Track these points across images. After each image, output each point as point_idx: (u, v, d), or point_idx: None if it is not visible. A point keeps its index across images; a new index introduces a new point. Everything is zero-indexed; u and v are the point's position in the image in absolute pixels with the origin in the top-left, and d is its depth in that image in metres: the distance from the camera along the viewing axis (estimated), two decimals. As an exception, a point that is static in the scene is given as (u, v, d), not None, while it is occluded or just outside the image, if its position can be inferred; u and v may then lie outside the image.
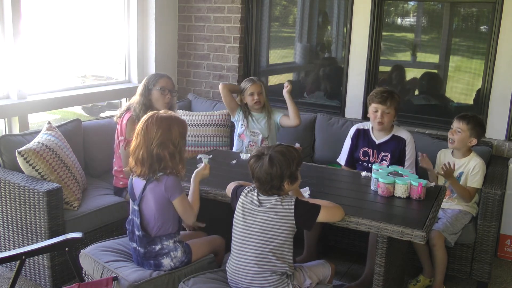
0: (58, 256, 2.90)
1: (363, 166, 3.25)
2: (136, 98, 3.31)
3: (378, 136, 3.25)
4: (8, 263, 3.09)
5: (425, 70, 4.17)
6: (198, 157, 3.18)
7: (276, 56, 4.83)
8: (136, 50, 4.59)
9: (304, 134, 4.01)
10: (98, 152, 3.68)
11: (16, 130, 3.58)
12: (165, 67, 4.70)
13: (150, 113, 2.41)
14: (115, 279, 2.25)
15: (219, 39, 4.67)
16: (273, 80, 4.87)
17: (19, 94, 3.60)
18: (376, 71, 4.14)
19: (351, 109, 4.22)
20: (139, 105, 3.25)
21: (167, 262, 2.35)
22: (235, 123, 3.79)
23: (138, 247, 2.38)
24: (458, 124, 3.15)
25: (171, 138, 2.32)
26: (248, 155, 3.04)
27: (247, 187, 2.31)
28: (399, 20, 4.24)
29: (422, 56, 4.15)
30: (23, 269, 2.49)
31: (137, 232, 2.36)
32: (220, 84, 3.78)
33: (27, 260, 2.62)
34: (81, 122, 3.64)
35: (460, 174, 3.17)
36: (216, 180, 2.57)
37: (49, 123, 3.29)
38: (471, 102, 3.94)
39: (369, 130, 3.30)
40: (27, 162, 2.94)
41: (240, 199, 2.27)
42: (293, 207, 2.16)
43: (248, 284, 2.21)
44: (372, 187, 2.67)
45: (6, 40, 3.50)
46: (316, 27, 4.54)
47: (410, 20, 4.25)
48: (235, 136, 3.78)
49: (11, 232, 3.03)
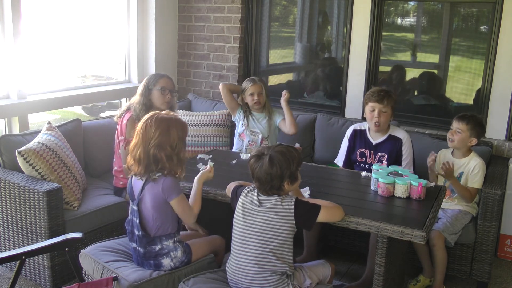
0: (58, 256, 2.90)
1: (360, 168, 3.25)
2: (136, 98, 3.31)
3: (374, 137, 3.25)
4: (8, 263, 3.09)
5: (425, 70, 4.17)
6: (198, 157, 3.19)
7: (276, 56, 4.82)
8: (136, 50, 4.59)
9: (304, 134, 4.01)
10: (98, 152, 3.68)
11: (16, 130, 3.58)
12: (165, 67, 4.70)
13: (152, 112, 2.40)
14: (115, 279, 2.25)
15: (219, 39, 4.67)
16: (273, 80, 4.87)
17: (19, 94, 3.60)
18: (376, 71, 4.14)
19: (351, 109, 4.22)
20: (139, 105, 3.26)
21: (167, 262, 2.35)
22: (236, 122, 3.79)
23: (138, 247, 2.38)
24: (457, 125, 3.14)
25: (169, 140, 2.30)
26: (248, 155, 3.04)
27: (247, 187, 2.31)
28: (399, 20, 4.24)
29: (422, 56, 4.15)
30: (23, 269, 2.49)
31: (136, 232, 2.36)
32: (220, 84, 3.79)
33: (27, 260, 2.61)
34: (81, 122, 3.64)
35: (461, 174, 3.17)
36: (216, 180, 2.57)
37: (49, 123, 3.29)
38: (471, 102, 3.94)
39: (365, 130, 3.30)
40: (27, 162, 2.94)
41: (240, 199, 2.27)
42: (293, 207, 2.16)
43: (248, 284, 2.21)
44: (372, 187, 2.67)
45: (6, 40, 3.50)
46: (316, 27, 4.54)
47: (410, 20, 4.25)
48: (235, 135, 3.78)
49: (11, 232, 3.03)
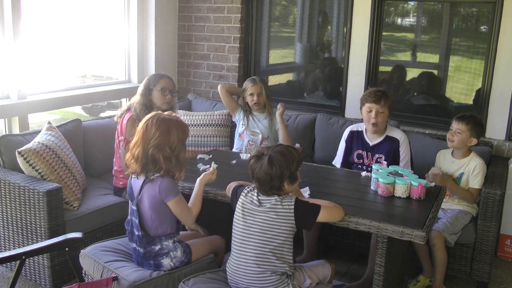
0: (58, 256, 2.90)
1: (358, 169, 3.24)
2: (136, 98, 3.31)
3: (371, 138, 3.25)
4: (8, 263, 3.09)
5: (425, 70, 4.17)
6: (198, 157, 3.19)
7: (276, 56, 4.83)
8: (136, 50, 4.59)
9: (304, 134, 4.01)
10: (98, 152, 3.68)
11: (16, 130, 3.58)
12: (165, 67, 4.70)
13: (154, 113, 2.39)
14: (115, 279, 2.25)
15: (219, 39, 4.67)
16: (273, 80, 4.87)
17: (19, 94, 3.60)
18: (376, 71, 4.14)
19: (351, 109, 4.22)
20: (139, 105, 3.25)
21: (167, 262, 2.35)
22: (236, 122, 3.79)
23: (137, 247, 2.38)
24: (457, 125, 3.14)
25: (168, 141, 2.29)
26: (248, 155, 3.04)
27: (247, 187, 2.31)
28: (399, 20, 4.24)
29: (422, 56, 4.15)
30: (23, 269, 2.49)
31: (136, 232, 2.36)
32: (218, 85, 3.79)
33: (27, 260, 2.61)
34: (81, 122, 3.64)
35: (461, 175, 3.16)
36: (216, 180, 2.56)
37: (49, 123, 3.29)
38: (471, 102, 3.94)
39: (362, 132, 3.29)
40: (27, 162, 2.94)
41: (240, 199, 2.27)
42: (293, 207, 2.16)
43: (248, 284, 2.21)
44: (372, 187, 2.67)
45: (6, 40, 3.50)
46: (316, 27, 4.54)
47: (410, 20, 4.25)
48: (235, 135, 3.78)
49: (11, 232, 3.03)
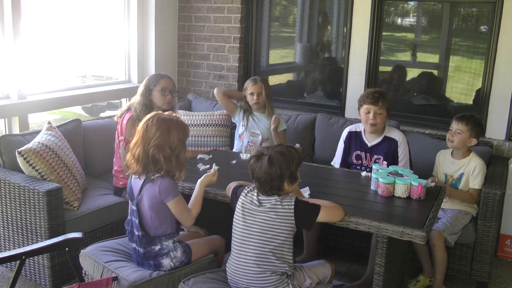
0: (58, 256, 2.90)
1: (356, 170, 3.24)
2: (136, 98, 3.31)
3: (370, 139, 3.24)
4: (8, 263, 3.09)
5: (425, 70, 4.17)
6: (198, 157, 3.19)
7: (276, 56, 4.82)
8: (136, 50, 4.59)
9: (304, 134, 4.01)
10: (98, 152, 3.68)
11: (16, 130, 3.58)
12: (165, 67, 4.70)
13: (154, 113, 2.39)
14: (115, 279, 2.25)
15: (219, 39, 4.67)
16: (273, 80, 4.87)
17: (19, 94, 3.60)
18: (376, 71, 4.14)
19: (351, 109, 4.21)
20: (139, 105, 3.25)
21: (167, 262, 2.35)
22: (236, 123, 3.78)
23: (137, 247, 2.38)
24: (457, 125, 3.14)
25: (168, 141, 2.29)
26: (248, 155, 3.04)
27: (246, 187, 2.31)
28: (399, 20, 4.24)
29: (422, 56, 4.15)
30: (23, 269, 2.49)
31: (136, 232, 2.36)
32: (214, 89, 3.77)
33: (27, 260, 2.61)
34: (81, 122, 3.64)
35: (461, 175, 3.16)
36: (216, 180, 2.56)
37: (49, 123, 3.29)
38: (471, 102, 3.94)
39: (361, 132, 3.28)
40: (27, 162, 2.94)
41: (240, 199, 2.27)
42: (293, 207, 2.16)
43: (248, 284, 2.20)
44: (372, 187, 2.67)
45: (6, 40, 3.50)
46: (316, 27, 4.54)
47: (410, 20, 4.25)
48: (235, 137, 3.78)
49: (11, 232, 3.03)
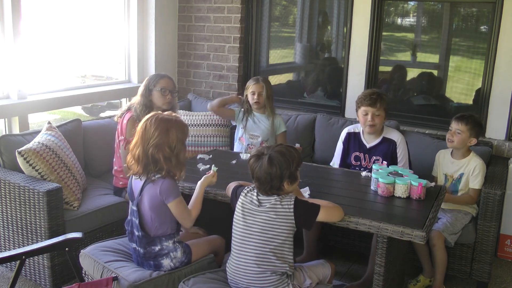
0: (58, 256, 2.90)
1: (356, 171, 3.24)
2: (137, 98, 3.31)
3: (368, 140, 3.24)
4: (8, 263, 3.09)
5: (425, 70, 4.17)
6: (198, 157, 3.19)
7: (276, 56, 4.82)
8: (136, 50, 4.59)
9: (304, 134, 4.01)
10: (98, 152, 3.68)
11: (16, 130, 3.58)
12: (165, 67, 4.70)
13: (153, 113, 2.40)
14: (115, 279, 2.25)
15: (219, 39, 4.67)
16: (273, 80, 4.86)
17: (19, 94, 3.60)
18: (376, 71, 4.14)
19: (351, 109, 4.21)
20: (139, 105, 3.25)
21: (167, 263, 2.35)
22: (237, 126, 3.77)
23: (137, 247, 2.38)
24: (457, 125, 3.14)
25: (168, 141, 2.30)
26: (248, 155, 3.04)
27: (246, 187, 2.31)
28: (399, 20, 4.24)
29: (422, 56, 4.15)
30: (23, 269, 2.49)
31: (136, 233, 2.36)
32: (207, 105, 3.76)
33: (27, 260, 2.61)
34: (81, 122, 3.64)
35: (461, 176, 3.16)
36: (216, 180, 2.57)
37: (49, 123, 3.29)
38: (471, 102, 3.94)
39: (359, 133, 3.28)
40: (27, 162, 2.94)
41: (239, 199, 2.27)
42: (292, 206, 2.16)
43: (248, 284, 2.21)
44: (372, 187, 2.67)
45: (6, 40, 3.50)
46: (316, 27, 4.54)
47: (410, 20, 4.25)
48: (235, 139, 3.77)
49: (11, 232, 3.03)
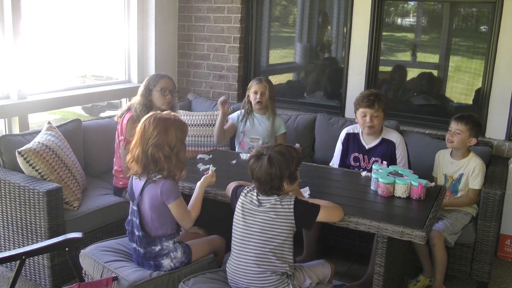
0: (58, 256, 2.90)
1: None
2: (137, 98, 3.31)
3: (368, 141, 3.23)
4: (8, 263, 3.09)
5: (425, 70, 4.17)
6: (198, 157, 3.19)
7: (276, 56, 4.82)
8: (136, 50, 4.59)
9: (304, 134, 4.01)
10: (98, 152, 3.68)
11: (16, 130, 3.58)
12: (165, 67, 4.70)
13: (152, 112, 2.40)
14: (115, 279, 2.25)
15: (219, 39, 4.67)
16: (273, 80, 4.82)
17: (19, 94, 3.60)
18: (376, 71, 4.14)
19: (351, 109, 4.18)
20: (139, 105, 3.25)
21: (167, 263, 2.35)
22: (237, 131, 3.75)
23: (138, 247, 2.38)
24: (456, 126, 3.14)
25: (167, 140, 2.30)
26: (248, 155, 3.04)
27: (246, 187, 2.31)
28: (399, 20, 4.24)
29: (422, 56, 4.15)
30: (23, 269, 2.49)
31: (136, 233, 2.36)
32: (215, 141, 3.62)
33: (27, 260, 2.61)
34: (81, 122, 3.64)
35: (460, 176, 3.16)
36: (216, 180, 2.57)
37: (49, 123, 3.29)
38: (471, 102, 3.94)
39: (359, 134, 3.27)
40: (27, 162, 2.94)
41: (239, 199, 2.27)
42: (292, 206, 2.16)
43: (248, 284, 2.21)
44: (372, 187, 2.67)
45: (6, 40, 3.50)
46: (316, 27, 4.54)
47: (410, 20, 4.25)
48: (236, 144, 3.75)
49: (11, 232, 3.03)
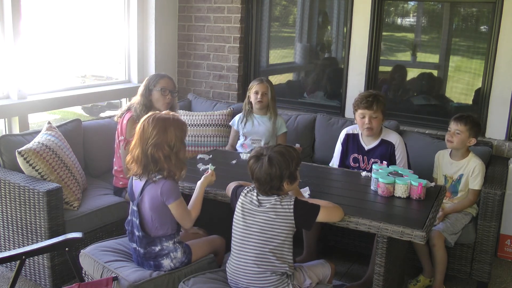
0: (58, 256, 2.90)
1: None
2: (137, 98, 3.31)
3: (367, 142, 3.23)
4: (8, 263, 3.09)
5: (425, 70, 4.17)
6: (198, 157, 3.19)
7: (276, 56, 4.82)
8: (136, 50, 4.59)
9: (304, 134, 4.01)
10: (98, 152, 3.68)
11: (16, 130, 3.58)
12: (165, 67, 4.70)
13: (151, 112, 2.40)
14: (115, 279, 2.25)
15: (219, 39, 4.67)
16: (273, 80, 4.83)
17: (19, 94, 3.60)
18: (376, 71, 4.14)
19: (351, 109, 4.17)
20: (139, 105, 3.25)
21: (167, 263, 2.35)
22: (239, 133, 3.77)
23: (138, 248, 2.38)
24: (456, 126, 3.13)
25: (166, 140, 2.30)
26: (248, 155, 3.04)
27: (246, 187, 2.31)
28: (399, 20, 4.24)
29: (422, 56, 4.15)
30: (23, 269, 2.49)
31: (136, 233, 2.36)
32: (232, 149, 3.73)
33: (27, 260, 2.61)
34: (81, 122, 3.64)
35: (460, 176, 3.16)
36: (216, 180, 2.57)
37: (49, 123, 3.29)
38: (471, 102, 3.94)
39: (358, 135, 3.27)
40: (27, 162, 2.94)
41: (239, 199, 2.27)
42: (292, 207, 2.16)
43: (248, 284, 2.21)
44: (372, 187, 2.67)
45: (6, 40, 3.50)
46: (316, 27, 4.54)
47: (410, 20, 4.25)
48: (238, 145, 3.76)
49: (11, 232, 3.03)
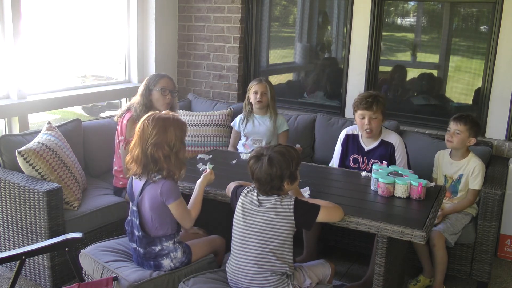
0: (58, 256, 2.90)
1: None
2: (136, 98, 3.31)
3: (367, 142, 3.22)
4: (8, 263, 3.09)
5: (425, 70, 4.17)
6: (198, 157, 3.19)
7: (276, 56, 4.82)
8: (136, 50, 4.59)
9: (304, 134, 4.01)
10: (98, 152, 3.68)
11: (16, 130, 3.58)
12: (165, 67, 4.70)
13: (150, 112, 2.41)
14: (115, 279, 2.25)
15: (219, 39, 4.67)
16: (273, 80, 4.84)
17: (19, 94, 3.60)
18: (376, 71, 4.14)
19: (351, 109, 4.18)
20: (139, 105, 3.25)
21: (167, 263, 2.35)
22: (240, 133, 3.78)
23: (138, 248, 2.38)
24: (456, 126, 3.13)
25: (166, 139, 2.30)
26: (248, 155, 3.04)
27: (246, 187, 2.31)
28: (399, 20, 4.24)
29: (422, 56, 4.15)
30: (23, 269, 2.49)
31: (136, 233, 2.36)
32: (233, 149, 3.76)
33: (27, 260, 2.61)
34: (81, 122, 3.64)
35: (460, 176, 3.16)
36: (216, 180, 2.57)
37: (49, 123, 3.29)
38: (471, 102, 3.94)
39: (358, 135, 3.26)
40: (27, 162, 2.94)
41: (239, 199, 2.27)
42: (292, 206, 2.16)
43: (248, 284, 2.21)
44: (372, 187, 2.67)
45: (6, 40, 3.50)
46: (316, 27, 4.54)
47: (410, 20, 4.25)
48: (239, 145, 3.76)
49: (11, 232, 3.03)
